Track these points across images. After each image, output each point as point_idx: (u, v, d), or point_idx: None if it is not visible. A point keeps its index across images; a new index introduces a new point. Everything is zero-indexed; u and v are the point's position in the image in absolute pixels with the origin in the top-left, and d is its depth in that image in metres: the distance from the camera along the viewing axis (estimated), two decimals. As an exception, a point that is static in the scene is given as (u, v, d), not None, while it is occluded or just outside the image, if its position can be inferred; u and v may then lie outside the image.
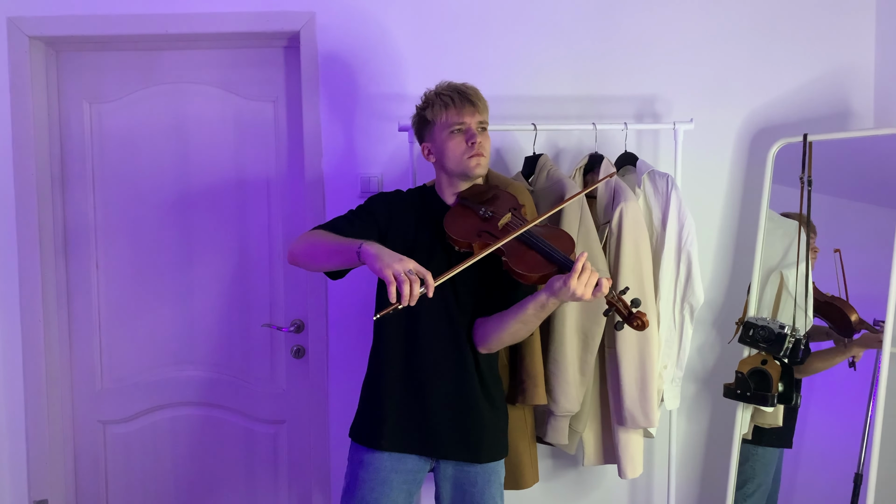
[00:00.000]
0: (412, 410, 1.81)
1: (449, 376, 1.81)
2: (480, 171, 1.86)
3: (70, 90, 2.56)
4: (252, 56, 2.56)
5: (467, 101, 1.83)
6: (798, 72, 2.49)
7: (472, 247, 1.76)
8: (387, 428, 1.81)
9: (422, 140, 1.92)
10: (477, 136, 1.83)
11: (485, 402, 1.84)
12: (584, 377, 2.14)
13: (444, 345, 1.80)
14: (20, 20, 2.43)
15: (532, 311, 1.72)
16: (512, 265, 1.69)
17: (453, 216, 1.82)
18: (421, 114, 1.89)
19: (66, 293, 2.59)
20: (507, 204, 1.86)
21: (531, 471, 2.13)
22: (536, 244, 1.72)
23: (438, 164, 1.89)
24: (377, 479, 1.80)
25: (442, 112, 1.83)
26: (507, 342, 1.82)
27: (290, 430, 2.62)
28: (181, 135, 2.57)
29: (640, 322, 1.61)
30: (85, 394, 2.62)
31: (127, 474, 2.64)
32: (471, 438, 1.81)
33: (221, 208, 2.58)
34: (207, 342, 2.61)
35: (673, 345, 2.23)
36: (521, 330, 1.77)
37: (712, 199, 2.51)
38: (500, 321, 1.78)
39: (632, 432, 2.19)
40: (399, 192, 1.97)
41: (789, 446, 2.34)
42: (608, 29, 2.47)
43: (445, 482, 1.85)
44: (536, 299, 1.70)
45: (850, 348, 2.23)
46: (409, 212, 1.89)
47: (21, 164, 2.46)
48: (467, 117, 1.83)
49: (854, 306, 2.22)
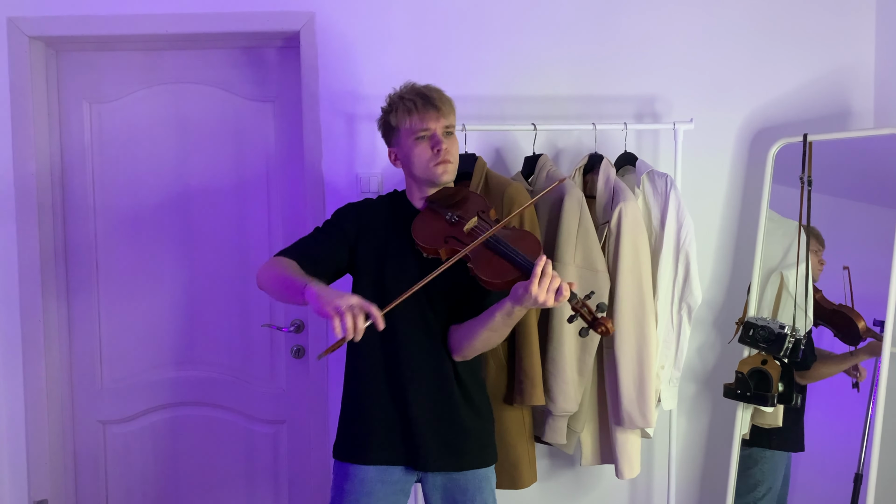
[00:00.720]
0: (395, 422, 1.77)
1: (429, 385, 1.76)
2: (448, 177, 1.79)
3: (70, 90, 2.57)
4: (252, 56, 2.56)
5: (431, 105, 1.75)
6: (798, 72, 2.49)
7: (439, 253, 1.70)
8: (370, 442, 1.77)
9: (388, 144, 1.85)
10: (443, 143, 1.75)
11: (467, 409, 1.79)
12: (582, 377, 2.14)
13: (423, 353, 1.76)
14: (20, 20, 2.43)
15: (500, 319, 1.66)
16: (477, 272, 1.63)
17: (421, 222, 1.76)
18: (386, 118, 1.81)
19: (66, 293, 2.60)
20: (475, 207, 1.78)
21: (529, 470, 2.13)
22: (501, 249, 1.65)
23: (406, 171, 1.84)
24: (362, 490, 1.76)
25: (405, 118, 1.75)
26: (479, 349, 1.76)
27: (290, 430, 2.62)
28: (181, 135, 2.57)
29: (605, 328, 1.56)
30: (85, 394, 2.62)
31: (127, 474, 2.64)
32: (455, 447, 1.77)
33: (221, 208, 2.58)
34: (207, 342, 2.61)
35: (671, 345, 2.23)
36: (493, 337, 1.72)
37: (712, 199, 2.51)
38: (470, 329, 1.73)
39: (629, 432, 2.19)
40: (368, 200, 1.92)
41: (800, 449, 2.33)
42: (608, 29, 2.47)
43: (434, 492, 1.80)
44: (503, 307, 1.64)
45: (856, 355, 2.22)
46: (378, 219, 1.84)
47: (21, 164, 2.46)
48: (431, 122, 1.75)
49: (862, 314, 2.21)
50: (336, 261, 1.80)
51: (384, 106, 1.83)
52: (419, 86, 1.80)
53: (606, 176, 2.21)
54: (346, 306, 1.48)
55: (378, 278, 1.78)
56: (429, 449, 1.76)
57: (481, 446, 1.82)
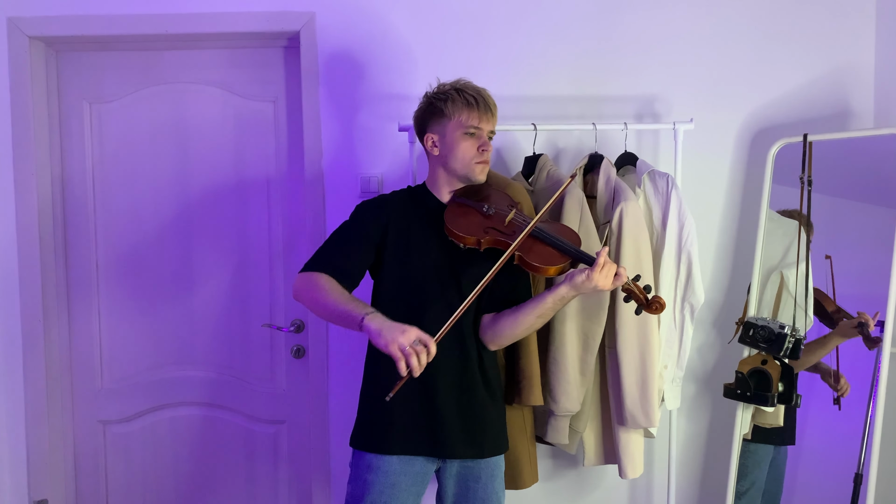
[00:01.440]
0: (419, 412, 1.80)
1: (454, 375, 1.81)
2: (482, 178, 1.87)
3: (70, 90, 2.57)
4: (252, 56, 2.56)
5: (488, 108, 1.83)
6: (798, 72, 2.49)
7: (479, 243, 1.77)
8: (395, 432, 1.79)
9: (426, 130, 1.87)
10: (488, 145, 1.85)
11: (487, 398, 1.84)
12: (584, 377, 2.14)
13: (448, 344, 1.78)
14: (20, 20, 2.43)
15: (551, 304, 1.75)
16: (528, 259, 1.74)
17: (454, 214, 1.81)
18: (436, 104, 1.84)
19: (66, 293, 2.59)
20: (504, 201, 1.88)
21: (530, 471, 2.13)
22: (548, 238, 1.77)
23: (440, 160, 1.87)
24: (386, 482, 1.78)
25: (463, 110, 1.81)
26: (520, 336, 1.84)
27: (290, 430, 2.62)
28: (181, 135, 2.57)
29: (658, 305, 1.72)
30: (85, 394, 2.62)
31: (127, 474, 2.64)
32: (477, 436, 1.82)
33: (221, 208, 2.58)
34: (207, 342, 2.61)
35: (673, 345, 2.23)
36: (537, 323, 1.80)
37: (712, 199, 2.51)
38: (516, 316, 1.79)
39: (632, 432, 2.19)
40: (383, 196, 1.93)
41: (790, 443, 2.34)
42: (608, 29, 2.47)
43: (450, 479, 1.84)
44: (556, 292, 1.74)
45: (830, 339, 2.25)
46: (399, 214, 1.87)
47: (21, 164, 2.46)
48: (484, 123, 1.83)
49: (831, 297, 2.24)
50: (365, 263, 1.85)
51: (433, 92, 1.86)
52: (478, 86, 1.87)
53: (607, 176, 2.21)
54: (408, 344, 1.57)
55: (404, 272, 1.82)
56: (453, 437, 1.79)
57: (498, 434, 1.87)
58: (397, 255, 1.83)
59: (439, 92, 1.85)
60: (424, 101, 1.88)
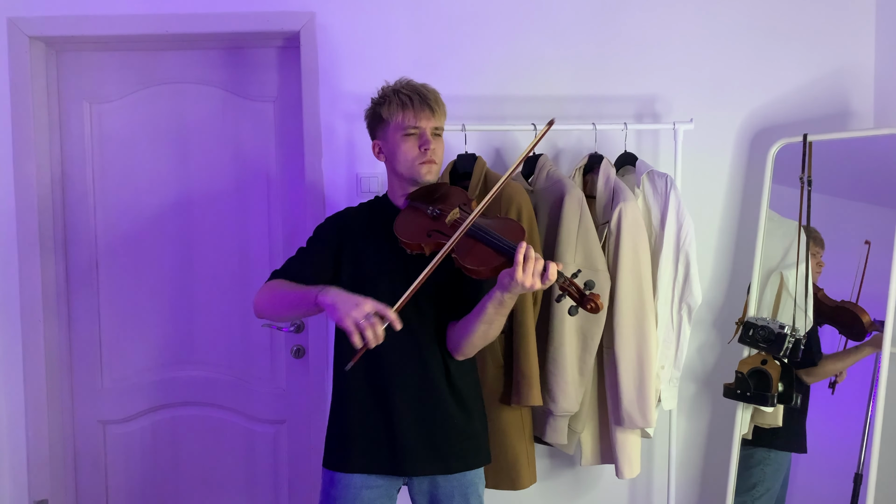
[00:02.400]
0: (378, 431, 1.74)
1: (414, 390, 1.74)
2: (431, 177, 1.78)
3: (70, 90, 2.57)
4: (252, 56, 2.56)
5: (426, 104, 1.74)
6: (798, 72, 2.49)
7: (423, 248, 1.68)
8: (354, 450, 1.76)
9: (374, 136, 1.84)
10: (431, 143, 1.75)
11: (457, 410, 1.76)
12: (582, 377, 2.14)
13: (406, 358, 1.74)
14: (20, 20, 2.43)
15: (492, 310, 1.64)
16: (462, 261, 1.62)
17: (402, 219, 1.75)
18: (376, 109, 1.80)
19: (66, 293, 2.59)
20: (457, 200, 1.76)
21: (528, 471, 2.13)
22: (483, 236, 1.63)
23: (388, 166, 1.82)
24: (348, 496, 1.75)
25: (398, 112, 1.74)
26: (479, 345, 1.74)
27: (290, 430, 2.62)
28: (181, 135, 2.57)
29: (594, 304, 1.54)
30: (85, 394, 2.62)
31: (127, 474, 2.64)
32: (442, 450, 1.75)
33: (221, 208, 2.58)
34: (207, 342, 2.61)
35: (671, 345, 2.23)
36: (489, 330, 1.69)
37: (712, 199, 2.51)
38: (465, 325, 1.71)
39: (629, 432, 2.19)
40: (347, 209, 1.92)
41: (802, 451, 2.33)
42: (608, 29, 2.47)
43: (421, 497, 1.79)
44: (493, 297, 1.63)
45: (861, 350, 2.22)
46: (357, 224, 1.84)
47: (21, 164, 2.46)
48: (423, 121, 1.74)
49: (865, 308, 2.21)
50: (325, 275, 1.80)
51: (375, 97, 1.82)
52: (416, 83, 1.79)
53: (606, 176, 2.21)
54: (362, 316, 1.52)
55: (359, 282, 1.76)
56: (414, 454, 1.73)
57: (470, 448, 1.79)
58: (351, 265, 1.79)
59: (379, 96, 1.80)
60: (369, 107, 1.83)
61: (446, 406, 1.76)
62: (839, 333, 2.26)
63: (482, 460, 1.82)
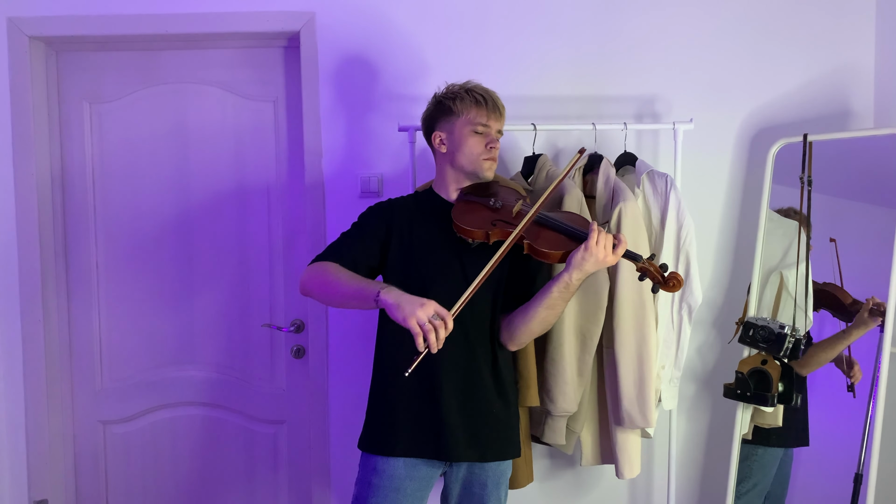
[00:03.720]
0: (425, 416, 1.79)
1: (461, 379, 1.79)
2: (490, 174, 1.88)
3: (70, 90, 2.57)
4: (252, 56, 2.56)
5: (497, 107, 1.86)
6: (798, 72, 2.49)
7: (488, 236, 1.76)
8: (400, 434, 1.79)
9: (434, 129, 1.90)
10: (496, 143, 1.87)
11: (499, 402, 1.83)
12: (581, 377, 2.14)
13: (455, 347, 1.77)
14: (20, 20, 2.43)
15: (557, 294, 1.73)
16: (536, 246, 1.73)
17: (462, 210, 1.82)
18: (444, 103, 1.87)
19: (66, 293, 2.60)
20: (513, 195, 1.88)
21: (525, 471, 2.14)
22: (556, 223, 1.77)
23: (447, 158, 1.88)
24: (391, 486, 1.78)
25: (472, 108, 1.84)
26: (536, 332, 1.82)
27: (290, 430, 2.62)
28: (181, 135, 2.57)
29: (676, 282, 1.68)
30: (85, 394, 2.62)
31: (127, 474, 2.64)
32: (485, 440, 1.80)
33: (221, 208, 2.58)
34: (207, 342, 2.61)
35: (671, 345, 2.23)
36: (550, 315, 1.78)
37: (712, 199, 2.51)
38: (526, 311, 1.78)
39: (629, 432, 2.19)
40: (390, 200, 1.96)
41: (804, 444, 2.32)
42: (608, 29, 2.47)
43: (455, 483, 1.84)
44: (559, 280, 1.72)
45: (849, 332, 2.22)
46: (405, 216, 1.88)
47: (21, 164, 2.46)
48: (493, 122, 1.86)
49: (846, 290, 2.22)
50: (371, 262, 1.85)
51: (442, 93, 1.89)
52: (485, 87, 1.89)
53: (606, 176, 2.21)
54: (427, 318, 1.56)
55: (409, 273, 1.81)
56: (455, 440, 1.78)
57: (509, 439, 1.86)
58: (402, 256, 1.84)
59: (448, 91, 1.88)
60: (433, 101, 1.91)
61: (490, 397, 1.82)
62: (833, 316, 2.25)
63: (514, 452, 1.88)
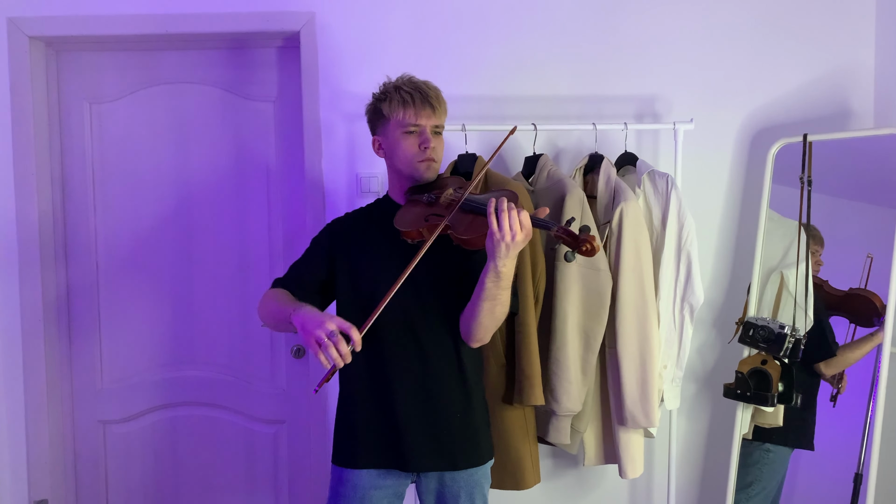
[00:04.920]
0: (383, 426, 1.73)
1: (417, 385, 1.72)
2: (430, 175, 1.76)
3: (70, 90, 2.56)
4: (252, 56, 2.56)
5: (427, 102, 1.73)
6: (798, 72, 2.49)
7: (422, 234, 1.66)
8: (360, 446, 1.75)
9: (374, 132, 1.83)
10: (431, 141, 1.74)
11: (462, 406, 1.75)
12: (585, 377, 2.14)
13: (407, 353, 1.72)
14: (20, 20, 2.43)
15: (491, 284, 1.58)
16: (457, 234, 1.60)
17: (401, 212, 1.73)
18: (376, 105, 1.78)
19: (66, 293, 2.59)
20: (455, 183, 1.76)
21: (532, 471, 2.13)
22: (477, 206, 1.61)
23: (388, 163, 1.81)
24: (356, 496, 1.74)
25: (399, 109, 1.73)
26: (490, 325, 1.66)
27: (290, 430, 2.62)
28: (181, 135, 2.57)
29: (590, 246, 1.46)
30: (85, 394, 2.62)
31: (127, 474, 2.64)
32: (447, 445, 1.73)
33: (221, 208, 2.58)
34: (207, 342, 2.61)
35: (673, 344, 2.23)
36: (495, 307, 1.62)
37: (712, 199, 2.51)
38: (471, 308, 1.65)
39: (632, 432, 2.19)
40: (348, 214, 1.91)
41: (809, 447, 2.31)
42: (608, 29, 2.47)
43: (428, 496, 1.78)
44: (488, 271, 1.57)
45: (876, 335, 2.19)
46: (355, 227, 1.83)
47: (21, 164, 2.46)
48: (423, 119, 1.73)
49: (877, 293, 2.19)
50: (320, 278, 1.81)
51: (376, 93, 1.81)
52: (417, 80, 1.78)
53: (607, 176, 2.21)
54: (324, 335, 1.51)
55: (356, 282, 1.76)
56: (419, 450, 1.72)
57: (474, 444, 1.77)
58: (349, 270, 1.78)
59: (381, 92, 1.79)
60: (370, 103, 1.82)
61: (450, 402, 1.74)
62: (849, 322, 2.24)
63: (484, 455, 1.79)
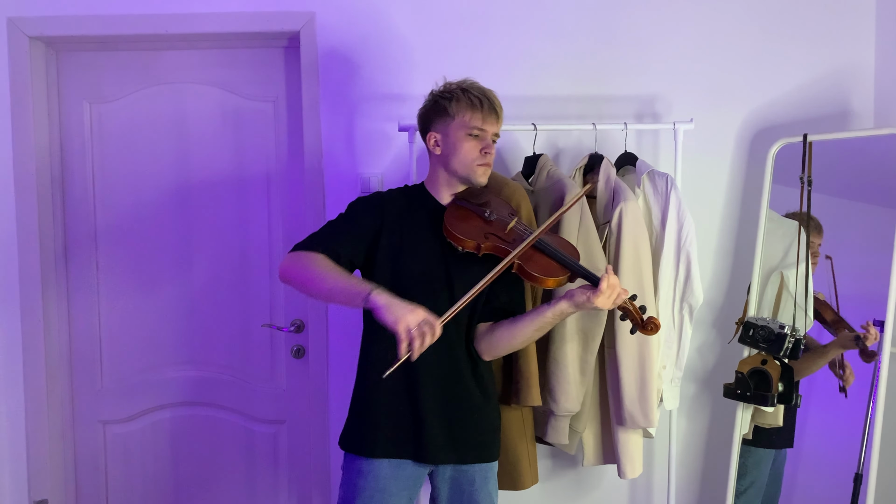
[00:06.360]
0: (405, 418, 1.77)
1: (442, 381, 1.77)
2: (484, 180, 1.84)
3: (70, 90, 2.57)
4: (252, 56, 2.56)
5: (493, 110, 1.80)
6: (798, 72, 2.49)
7: (479, 248, 1.74)
8: (380, 435, 1.77)
9: (430, 128, 1.84)
10: (491, 148, 1.82)
11: (481, 402, 1.82)
12: (584, 377, 2.14)
13: (437, 350, 1.72)
14: (20, 20, 2.43)
15: (550, 318, 1.74)
16: (528, 268, 1.72)
17: (455, 216, 1.77)
18: (440, 102, 1.81)
19: (66, 293, 2.59)
20: (506, 209, 1.85)
21: (530, 471, 2.13)
22: (550, 250, 1.76)
23: (441, 160, 1.83)
24: (376, 487, 1.76)
25: (467, 111, 1.78)
26: (516, 348, 1.82)
27: (290, 430, 2.62)
28: (181, 135, 2.57)
29: (654, 326, 1.74)
30: (85, 394, 2.62)
31: (127, 474, 2.64)
32: (463, 441, 1.79)
33: (221, 208, 2.58)
34: (207, 342, 2.61)
35: (672, 345, 2.23)
36: (534, 336, 1.79)
37: (712, 199, 2.51)
38: (514, 327, 1.77)
39: (631, 432, 2.19)
40: (380, 194, 1.90)
41: (789, 446, 2.34)
42: (608, 29, 2.47)
43: (443, 484, 1.82)
44: (555, 307, 1.72)
45: (828, 349, 2.25)
46: (395, 215, 1.83)
47: (21, 164, 2.46)
48: (489, 126, 1.80)
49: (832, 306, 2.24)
50: (356, 258, 1.80)
51: (439, 90, 1.83)
52: (485, 87, 1.83)
53: (607, 176, 2.21)
54: (415, 325, 1.54)
55: (395, 274, 1.78)
56: (437, 444, 1.77)
57: (488, 442, 1.85)
58: (389, 256, 1.79)
59: (445, 90, 1.82)
60: (430, 98, 1.85)
61: (471, 399, 1.81)
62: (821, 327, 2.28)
63: (493, 455, 1.86)
